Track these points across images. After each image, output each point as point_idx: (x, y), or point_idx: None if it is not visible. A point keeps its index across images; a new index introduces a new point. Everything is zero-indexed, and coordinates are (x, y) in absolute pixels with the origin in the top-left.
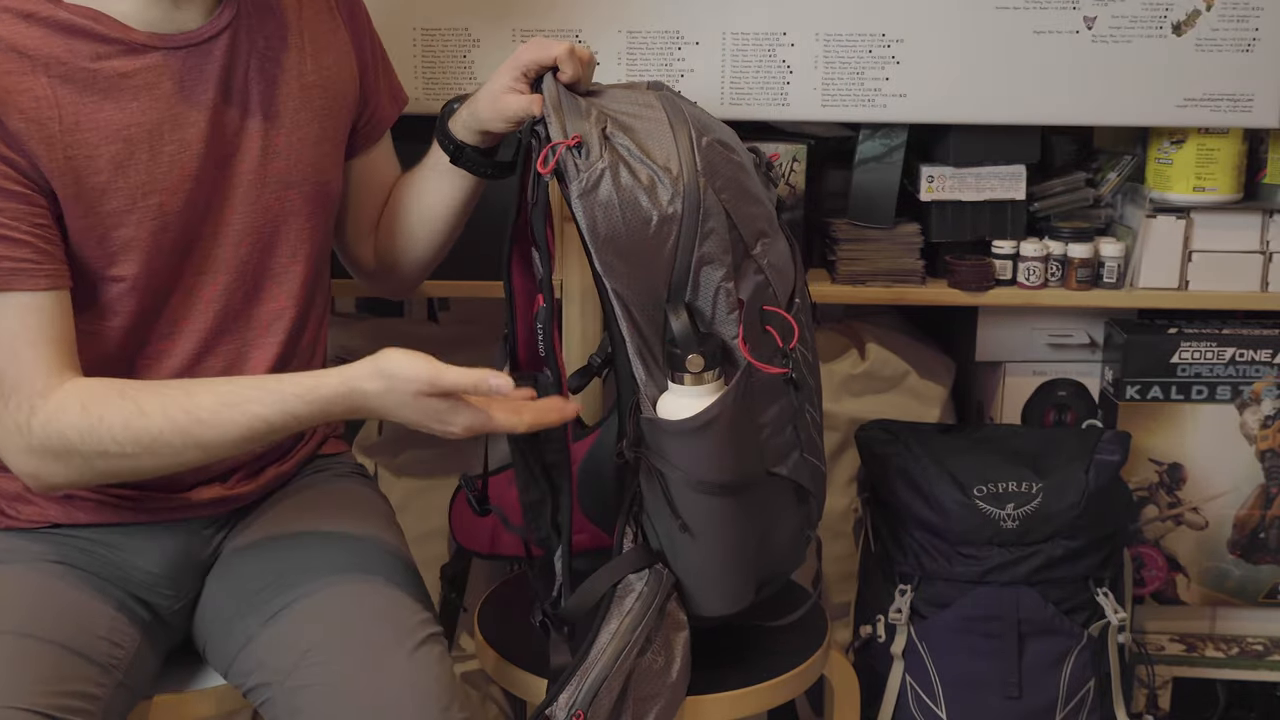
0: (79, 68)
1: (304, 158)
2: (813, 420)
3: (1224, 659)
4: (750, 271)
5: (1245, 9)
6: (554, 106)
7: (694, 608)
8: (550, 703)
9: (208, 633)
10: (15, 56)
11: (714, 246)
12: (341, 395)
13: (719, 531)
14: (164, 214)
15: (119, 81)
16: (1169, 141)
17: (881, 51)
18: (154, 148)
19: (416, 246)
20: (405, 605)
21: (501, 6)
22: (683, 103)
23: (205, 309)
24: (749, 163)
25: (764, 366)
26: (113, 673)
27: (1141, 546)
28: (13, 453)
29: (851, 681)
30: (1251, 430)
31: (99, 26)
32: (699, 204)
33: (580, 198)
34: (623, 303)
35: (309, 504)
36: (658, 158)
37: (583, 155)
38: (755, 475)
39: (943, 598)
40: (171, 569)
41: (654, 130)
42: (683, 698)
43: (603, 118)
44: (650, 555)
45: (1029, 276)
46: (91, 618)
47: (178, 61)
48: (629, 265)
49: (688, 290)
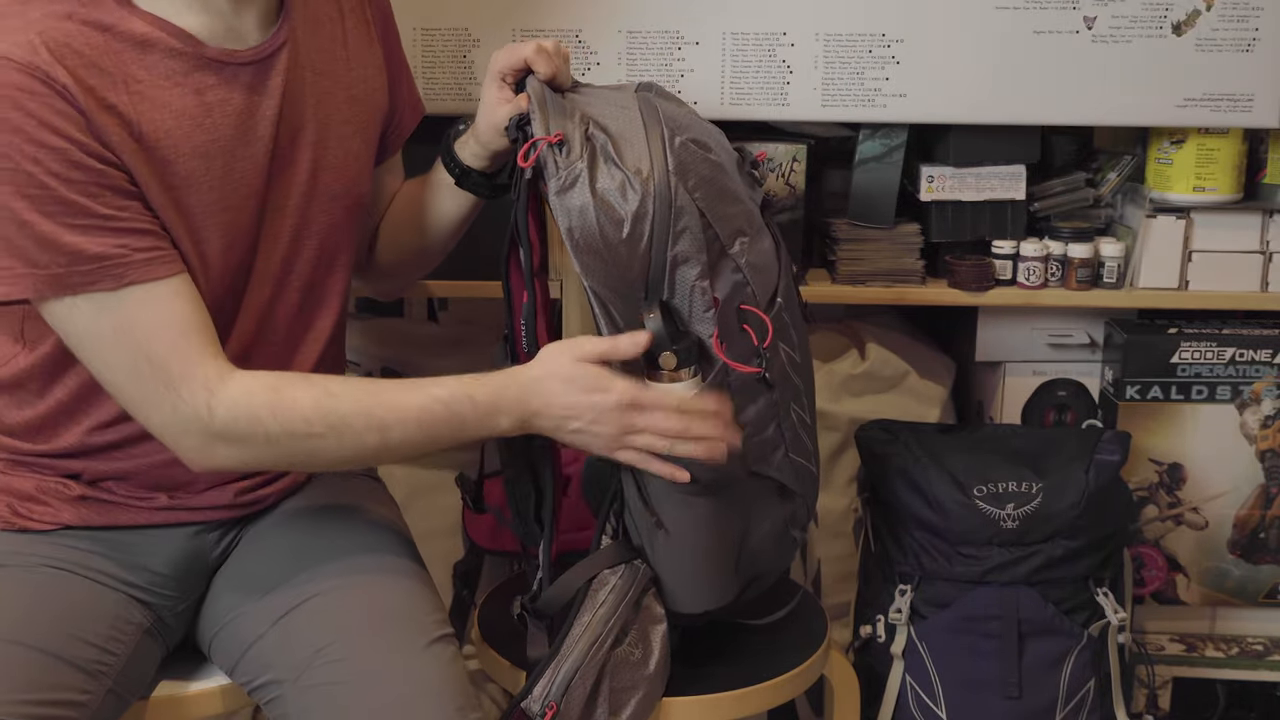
0: (155, 85)
1: (348, 170)
2: (800, 420)
3: (1224, 659)
4: (727, 270)
5: (1245, 9)
6: (539, 103)
7: (672, 604)
8: (525, 695)
9: (213, 631)
10: (98, 73)
11: (688, 245)
12: (507, 384)
13: (696, 529)
14: (234, 230)
15: (194, 100)
16: (1169, 141)
17: (881, 51)
18: (227, 164)
19: (414, 255)
20: (417, 605)
21: (501, 6)
22: (661, 103)
23: (249, 317)
24: (729, 162)
25: (738, 365)
26: (102, 679)
27: (1141, 546)
28: (188, 437)
29: (851, 681)
30: (1251, 430)
31: (174, 41)
32: (670, 203)
33: (558, 195)
34: (601, 301)
35: (319, 504)
36: (629, 160)
37: (563, 153)
38: (734, 475)
39: (943, 598)
40: (179, 570)
41: (627, 131)
42: (662, 690)
43: (585, 119)
44: (629, 551)
45: (1029, 276)
46: (85, 624)
47: (247, 77)
48: (604, 265)
49: (664, 289)
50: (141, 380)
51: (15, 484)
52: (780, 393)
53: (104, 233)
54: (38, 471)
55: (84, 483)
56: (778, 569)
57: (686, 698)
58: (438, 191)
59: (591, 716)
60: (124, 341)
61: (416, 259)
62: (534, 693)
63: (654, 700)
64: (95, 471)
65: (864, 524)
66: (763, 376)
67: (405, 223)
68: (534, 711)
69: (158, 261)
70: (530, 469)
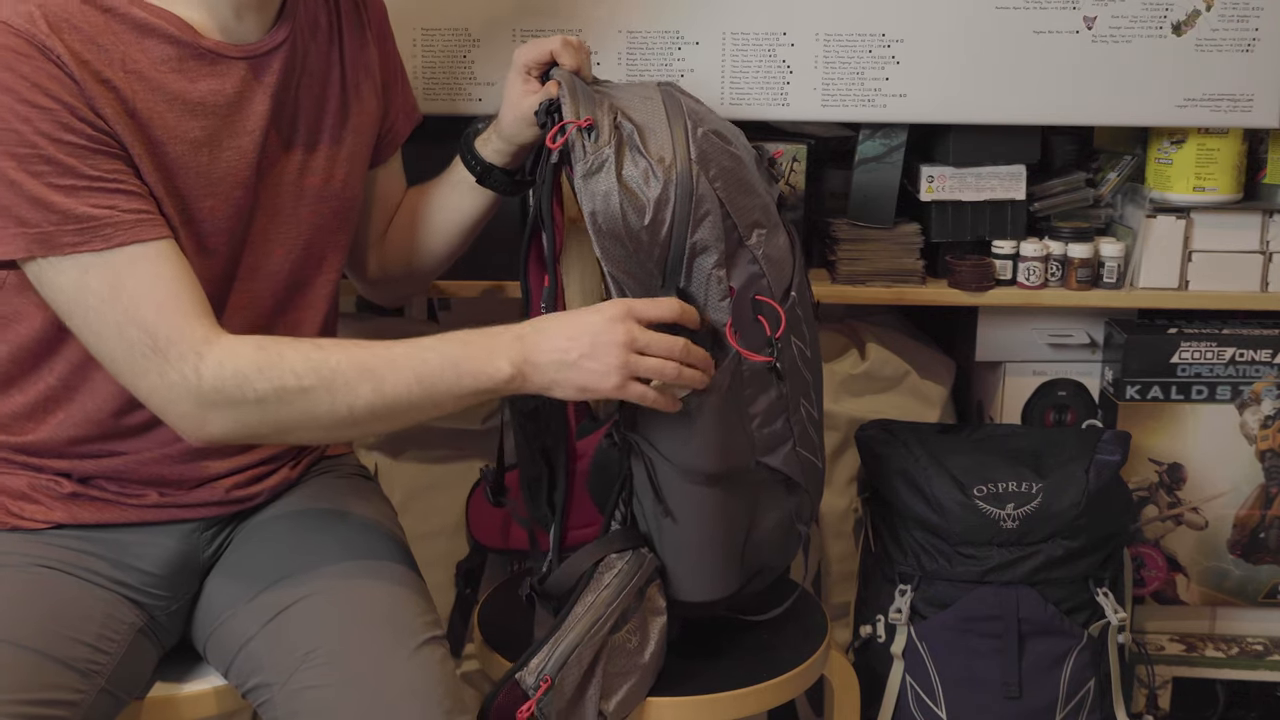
0: (151, 68)
1: (339, 173)
2: (809, 416)
3: (1224, 659)
4: (744, 261)
5: (1245, 9)
6: (570, 90)
7: (676, 592)
8: (521, 666)
9: (207, 632)
10: (96, 49)
11: (707, 233)
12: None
13: (702, 519)
14: (213, 219)
15: (187, 87)
16: (1169, 141)
17: (881, 51)
18: (213, 153)
19: (428, 258)
20: (407, 607)
21: (501, 6)
22: (683, 97)
23: (233, 316)
24: (748, 157)
25: (750, 354)
26: (94, 678)
27: (1141, 546)
28: (178, 403)
29: (851, 681)
30: (1251, 430)
31: (172, 29)
32: (692, 191)
33: (584, 178)
34: (620, 286)
35: (311, 505)
36: (653, 149)
37: (591, 139)
38: (744, 465)
39: (943, 598)
40: (171, 570)
41: (651, 121)
42: (652, 682)
43: (614, 109)
44: (636, 537)
45: (1029, 276)
46: (76, 623)
47: (240, 71)
48: (625, 250)
49: (681, 276)
50: (129, 346)
51: (8, 482)
52: (791, 386)
53: (92, 193)
54: (30, 470)
55: (75, 480)
56: (781, 563)
57: (686, 697)
58: (455, 191)
59: (584, 695)
60: (112, 305)
61: (428, 264)
62: (530, 665)
63: (644, 690)
64: (84, 470)
65: (864, 524)
66: (774, 366)
67: (417, 226)
68: (528, 683)
69: (146, 224)
70: (544, 453)
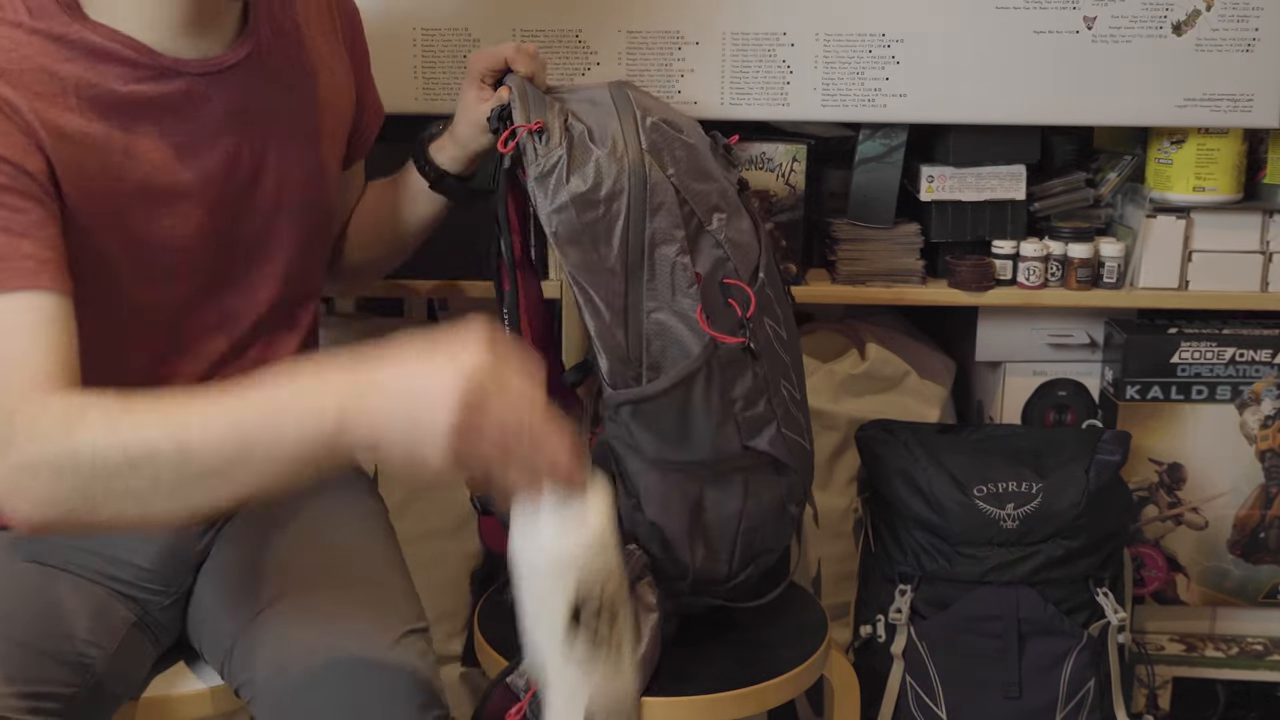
0: (108, 90)
1: (316, 184)
2: (791, 396)
3: (1224, 659)
4: (708, 246)
5: (1245, 9)
6: (520, 95)
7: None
8: (510, 670)
9: (201, 630)
10: (47, 78)
11: (665, 221)
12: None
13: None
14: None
15: (146, 106)
16: (1169, 141)
17: (881, 51)
18: (178, 171)
19: (382, 256)
20: (386, 602)
21: (501, 6)
22: (632, 92)
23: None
24: (702, 144)
25: (723, 337)
26: (87, 673)
27: (1141, 546)
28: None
29: (851, 681)
30: (1251, 430)
31: (127, 50)
32: (645, 180)
33: (537, 180)
34: (582, 287)
35: (299, 502)
36: (602, 143)
37: (543, 141)
38: (730, 451)
39: (943, 598)
40: (162, 565)
41: (601, 118)
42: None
43: (564, 111)
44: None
45: (1029, 276)
46: (68, 618)
47: (201, 87)
48: (582, 249)
49: (644, 270)
50: None
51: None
52: (769, 367)
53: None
54: None
55: None
56: (776, 547)
57: (686, 698)
58: (410, 194)
59: None
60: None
61: (384, 259)
62: (521, 667)
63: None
64: None
65: (864, 524)
66: (747, 346)
67: (375, 224)
68: (519, 686)
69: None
70: None
